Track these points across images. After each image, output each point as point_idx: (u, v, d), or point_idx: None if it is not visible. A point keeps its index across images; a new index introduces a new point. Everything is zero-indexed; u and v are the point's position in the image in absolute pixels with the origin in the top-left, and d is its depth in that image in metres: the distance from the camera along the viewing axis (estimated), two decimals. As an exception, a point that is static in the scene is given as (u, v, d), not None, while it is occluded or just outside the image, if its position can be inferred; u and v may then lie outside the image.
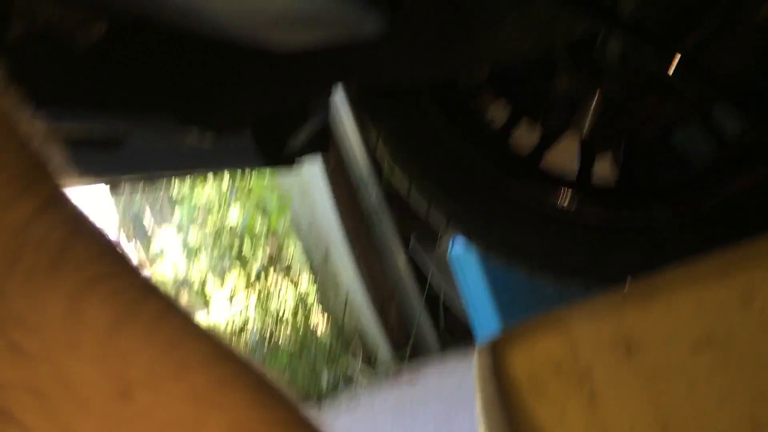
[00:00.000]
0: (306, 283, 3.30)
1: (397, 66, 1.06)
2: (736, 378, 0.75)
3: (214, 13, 0.82)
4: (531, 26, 0.99)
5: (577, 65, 1.16)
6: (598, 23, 0.90)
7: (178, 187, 3.52)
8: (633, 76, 1.18)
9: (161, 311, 0.32)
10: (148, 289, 0.33)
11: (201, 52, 0.95)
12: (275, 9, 0.82)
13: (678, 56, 1.04)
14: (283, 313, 3.24)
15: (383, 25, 0.97)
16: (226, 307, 3.37)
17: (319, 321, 3.21)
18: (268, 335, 3.14)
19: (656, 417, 0.76)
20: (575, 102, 1.34)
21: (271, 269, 3.30)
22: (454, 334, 2.65)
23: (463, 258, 1.94)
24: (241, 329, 3.21)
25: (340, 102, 2.70)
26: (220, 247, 3.33)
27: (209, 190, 3.51)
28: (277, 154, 1.18)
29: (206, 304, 3.27)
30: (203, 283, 3.39)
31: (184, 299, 3.19)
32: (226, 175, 3.22)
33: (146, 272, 0.33)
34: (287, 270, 3.29)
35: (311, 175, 2.92)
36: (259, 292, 3.29)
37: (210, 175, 2.98)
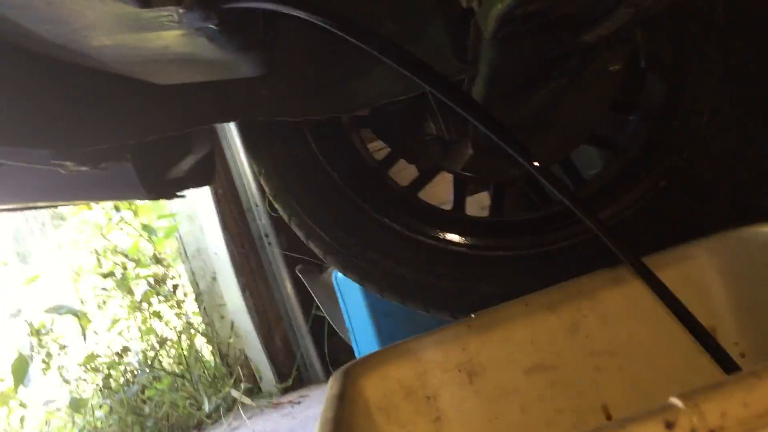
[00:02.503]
0: (191, 308, 3.26)
1: (276, 104, 1.10)
2: (563, 399, 0.85)
3: (90, 49, 0.84)
4: (399, 73, 1.07)
5: (443, 112, 1.24)
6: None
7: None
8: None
9: None
10: None
11: (73, 80, 0.93)
12: (151, 50, 0.85)
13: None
14: (166, 339, 3.18)
15: (259, 67, 1.02)
16: (107, 332, 3.27)
17: (203, 347, 3.18)
18: (150, 360, 3.08)
19: (494, 436, 0.84)
20: (447, 145, 1.42)
21: (156, 294, 3.24)
22: (339, 359, 2.70)
23: (346, 282, 1.98)
24: (121, 354, 3.13)
25: (231, 128, 2.72)
26: (102, 269, 3.24)
27: (94, 209, 3.42)
28: (158, 186, 1.18)
29: (84, 328, 3.17)
30: (83, 306, 3.28)
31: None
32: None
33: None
34: (172, 295, 3.24)
35: (199, 200, 2.91)
36: (143, 317, 3.22)
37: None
